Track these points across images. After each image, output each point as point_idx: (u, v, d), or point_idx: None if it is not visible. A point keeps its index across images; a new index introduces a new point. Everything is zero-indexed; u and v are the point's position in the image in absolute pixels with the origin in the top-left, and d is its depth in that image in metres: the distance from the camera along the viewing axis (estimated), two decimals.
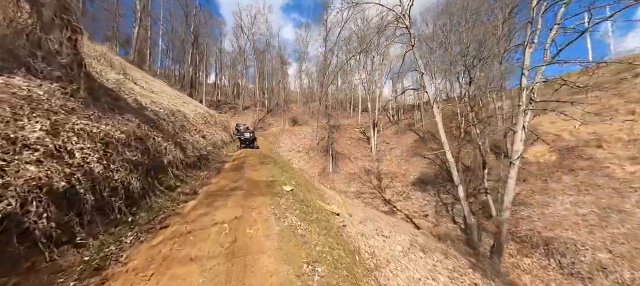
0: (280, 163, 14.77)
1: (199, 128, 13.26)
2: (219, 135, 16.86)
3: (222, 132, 18.75)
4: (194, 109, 15.47)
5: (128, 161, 5.25)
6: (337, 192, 23.91)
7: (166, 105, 10.60)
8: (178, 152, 8.51)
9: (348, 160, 32.39)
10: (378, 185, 27.49)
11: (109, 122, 5.53)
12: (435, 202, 21.70)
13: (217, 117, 20.19)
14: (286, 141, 36.30)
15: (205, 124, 15.60)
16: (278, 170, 11.31)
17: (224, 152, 15.32)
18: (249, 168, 11.04)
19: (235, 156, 14.83)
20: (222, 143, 16.83)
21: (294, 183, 10.61)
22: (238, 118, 46.53)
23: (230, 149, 17.33)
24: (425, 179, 25.47)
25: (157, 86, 14.55)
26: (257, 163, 12.58)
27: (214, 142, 14.89)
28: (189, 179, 8.24)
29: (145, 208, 5.10)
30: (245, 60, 49.90)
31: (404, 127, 39.81)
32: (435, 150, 30.19)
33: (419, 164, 28.74)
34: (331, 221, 7.42)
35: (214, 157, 13.02)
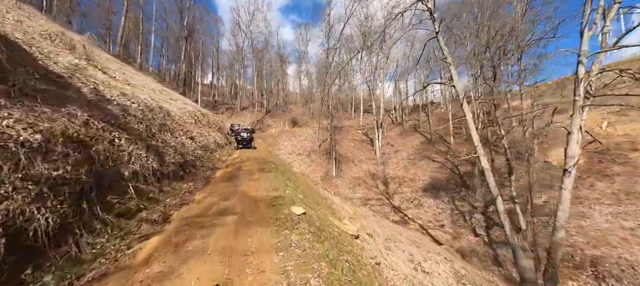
0: (282, 169, 12.62)
1: (186, 129, 11.10)
2: (211, 137, 14.69)
3: (215, 133, 16.58)
4: (183, 107, 13.32)
5: (38, 178, 3.09)
6: (343, 198, 21.81)
7: (143, 100, 8.46)
8: (151, 158, 6.35)
9: (352, 164, 30.28)
10: (385, 191, 25.38)
11: (17, 115, 3.38)
12: (450, 210, 19.62)
13: (211, 116, 18.04)
14: (286, 143, 34.16)
15: (196, 124, 13.44)
16: (281, 179, 9.17)
17: (217, 156, 13.17)
18: (246, 177, 8.89)
19: (229, 161, 12.66)
20: (215, 145, 14.66)
21: (301, 196, 8.47)
22: (235, 119, 44.32)
23: (224, 152, 15.16)
24: (436, 185, 23.40)
25: (139, 80, 12.40)
26: (256, 170, 10.43)
27: (205, 144, 12.72)
28: (163, 196, 6.08)
29: (61, 263, 2.93)
30: (243, 59, 47.73)
31: (409, 129, 37.80)
32: (444, 153, 28.23)
33: (428, 168, 26.69)
34: (361, 260, 5.26)
35: (204, 162, 10.86)
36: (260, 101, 47.92)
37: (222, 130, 19.58)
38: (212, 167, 10.73)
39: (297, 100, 63.34)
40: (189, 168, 8.85)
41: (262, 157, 14.69)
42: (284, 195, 6.82)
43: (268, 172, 10.13)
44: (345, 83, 48.59)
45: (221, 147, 16.12)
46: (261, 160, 12.79)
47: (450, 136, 28.78)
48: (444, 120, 35.92)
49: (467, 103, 11.43)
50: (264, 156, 15.24)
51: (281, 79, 51.23)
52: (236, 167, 10.93)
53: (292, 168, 25.41)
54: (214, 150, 14.06)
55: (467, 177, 22.76)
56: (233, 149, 17.70)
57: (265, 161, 12.81)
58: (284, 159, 29.40)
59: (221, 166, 11.16)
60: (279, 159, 17.52)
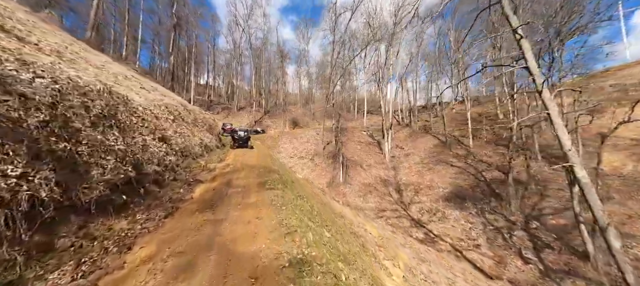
0: (290, 183, 9.34)
1: (156, 126, 7.82)
2: (196, 138, 11.42)
3: (203, 134, 13.30)
4: (157, 98, 10.03)
5: None
6: (354, 210, 18.60)
7: (77, 79, 5.19)
8: (45, 175, 3.11)
9: (360, 168, 27.05)
10: (399, 200, 22.18)
11: None
12: (482, 225, 16.44)
13: (198, 112, 14.76)
14: (286, 145, 30.87)
15: (175, 121, 10.16)
16: (293, 203, 5.93)
17: (202, 163, 9.91)
18: (237, 202, 5.64)
19: (219, 169, 9.39)
20: (201, 148, 11.38)
21: (328, 234, 5.26)
22: (232, 119, 41.00)
23: (214, 158, 11.89)
24: (460, 193, 20.23)
25: (96, 59, 9.13)
26: (253, 185, 7.17)
27: (185, 147, 9.45)
28: (48, 262, 2.83)
29: None
30: (240, 57, 44.51)
31: (419, 130, 34.69)
32: (463, 156, 25.15)
33: (447, 173, 23.54)
34: None
35: (180, 173, 7.59)
36: (258, 101, 44.61)
37: (214, 130, 16.30)
38: (191, 179, 7.46)
39: (297, 100, 60.14)
40: (147, 185, 5.58)
41: (262, 163, 11.42)
42: (307, 240, 3.58)
43: (271, 188, 6.87)
44: (347, 83, 45.44)
45: (210, 150, 12.84)
46: (261, 169, 9.51)
47: (469, 137, 25.66)
48: (457, 121, 32.91)
49: (551, 94, 8.17)
50: (263, 162, 11.97)
51: (281, 77, 47.95)
52: (225, 180, 7.65)
53: (296, 174, 22.19)
54: (200, 155, 10.78)
55: (495, 185, 19.62)
56: (225, 153, 14.43)
57: (266, 170, 9.53)
58: (285, 163, 26.16)
59: (205, 178, 7.89)
60: (282, 166, 14.23)
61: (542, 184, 17.79)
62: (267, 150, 21.80)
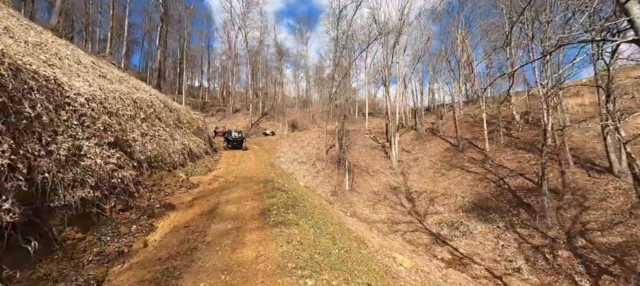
0: (303, 203, 6.76)
1: (113, 126, 5.31)
2: (177, 143, 8.85)
3: (189, 137, 10.73)
4: (126, 92, 7.46)
5: None
6: (367, 224, 16.11)
7: None
8: None
9: (366, 174, 24.60)
10: (413, 210, 19.75)
11: None
12: (516, 242, 14.05)
13: (184, 112, 12.17)
14: (286, 149, 28.30)
15: (146, 121, 7.60)
16: (320, 254, 3.40)
17: (182, 175, 7.36)
18: (224, 257, 3.09)
19: (204, 184, 6.87)
20: (183, 156, 8.82)
21: None
22: (227, 122, 38.37)
23: (200, 166, 9.35)
24: (482, 203, 17.86)
25: (36, 36, 6.59)
26: (252, 214, 4.65)
27: (158, 155, 6.92)
28: None
29: None
30: (236, 56, 41.87)
31: (426, 133, 32.40)
32: (480, 162, 22.82)
33: (463, 180, 21.20)
34: None
35: (145, 193, 5.06)
36: (255, 103, 42.00)
37: (203, 133, 13.72)
38: (157, 205, 4.92)
39: (295, 103, 57.67)
40: (58, 227, 3.01)
41: (262, 175, 8.87)
42: None
43: (279, 222, 4.33)
44: (348, 83, 43.12)
45: (196, 157, 10.25)
46: (260, 184, 6.98)
47: (484, 141, 23.36)
48: (468, 123, 30.69)
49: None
50: (263, 172, 9.42)
51: (279, 78, 45.42)
52: (209, 206, 5.11)
53: (298, 181, 19.67)
54: (180, 165, 8.19)
55: (522, 194, 17.28)
56: (216, 161, 11.88)
57: (267, 185, 7.00)
58: (286, 168, 23.62)
59: (181, 202, 5.36)
60: (288, 178, 11.62)
61: (580, 194, 15.47)
62: (266, 155, 19.24)
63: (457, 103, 37.38)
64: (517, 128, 23.88)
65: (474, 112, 32.93)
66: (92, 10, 32.55)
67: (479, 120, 30.25)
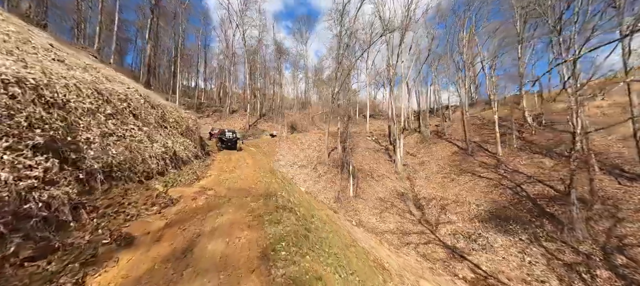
0: (327, 243, 5.07)
1: (52, 123, 3.62)
2: (156, 145, 7.18)
3: (174, 139, 9.05)
4: (90, 80, 5.79)
5: None
6: (376, 236, 14.49)
7: None
8: None
9: (371, 179, 22.98)
10: (423, 218, 18.15)
11: None
12: (544, 258, 12.48)
13: (171, 109, 10.45)
14: (285, 152, 26.60)
15: (116, 117, 5.94)
16: None
17: (159, 187, 5.69)
18: None
19: (184, 202, 5.18)
20: (163, 162, 7.14)
21: None
22: (224, 123, 36.60)
23: (184, 175, 7.67)
24: (499, 212, 16.31)
25: None
26: (248, 254, 2.91)
27: (124, 162, 5.24)
28: None
29: None
30: (233, 55, 40.13)
31: (431, 135, 30.90)
32: (493, 166, 21.28)
33: (475, 186, 19.68)
34: None
35: (91, 222, 3.36)
36: (252, 103, 40.27)
37: (194, 133, 12.01)
38: (112, 235, 3.22)
39: (294, 104, 56.02)
40: None
41: (261, 185, 7.20)
42: None
43: (290, 262, 2.63)
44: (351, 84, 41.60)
45: (183, 163, 8.57)
46: (260, 201, 5.30)
47: (496, 144, 21.87)
48: (475, 125, 29.22)
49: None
50: (263, 182, 7.75)
51: (278, 78, 43.71)
52: (187, 239, 3.39)
53: (297, 185, 18.00)
54: (158, 173, 6.50)
55: (544, 202, 15.77)
56: (206, 166, 10.20)
57: (268, 201, 5.33)
58: (286, 172, 21.93)
59: (151, 225, 3.67)
60: (295, 190, 9.91)
61: (611, 203, 13.97)
62: (265, 159, 17.54)
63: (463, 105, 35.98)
64: (530, 131, 22.43)
65: (481, 114, 31.54)
66: (83, 7, 30.76)
67: (486, 122, 28.85)
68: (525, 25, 22.48)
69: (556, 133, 21.25)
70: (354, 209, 18.86)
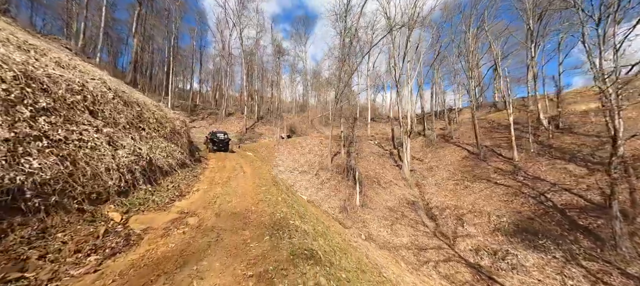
0: None
1: None
2: (123, 153, 5.26)
3: (153, 144, 7.15)
4: (21, 62, 3.93)
5: None
6: (391, 253, 12.68)
7: None
8: None
9: (378, 186, 21.16)
10: (438, 231, 16.35)
11: None
12: (588, 281, 10.72)
13: (152, 108, 8.54)
14: (285, 157, 24.69)
15: (57, 113, 4.04)
16: None
17: (116, 216, 3.76)
18: None
19: (149, 241, 3.24)
20: (128, 177, 5.18)
21: None
22: (220, 126, 34.63)
23: (162, 193, 5.75)
24: (525, 225, 14.58)
25: None
26: None
27: (57, 180, 3.24)
28: None
29: None
30: (229, 56, 38.20)
31: (437, 139, 29.24)
32: (508, 172, 19.59)
33: (492, 194, 17.96)
34: None
35: None
36: (250, 106, 38.35)
37: (181, 137, 10.09)
38: None
39: (291, 107, 54.19)
40: None
41: (264, 207, 5.24)
42: None
43: None
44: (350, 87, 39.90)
45: (163, 173, 6.65)
46: (265, 239, 3.36)
47: (512, 149, 20.21)
48: (484, 128, 27.60)
49: None
50: (267, 202, 5.80)
51: (276, 80, 41.83)
52: None
53: (297, 193, 16.12)
54: (120, 193, 4.56)
55: (574, 214, 14.07)
56: (194, 178, 8.28)
57: (277, 237, 3.39)
58: (286, 179, 20.04)
59: None
60: (308, 210, 7.96)
61: None
62: (264, 167, 15.60)
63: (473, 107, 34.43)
64: (547, 134, 20.83)
65: (489, 117, 29.99)
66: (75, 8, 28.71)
67: (496, 125, 27.30)
68: (540, 23, 20.99)
69: (576, 136, 19.70)
70: (362, 220, 16.98)
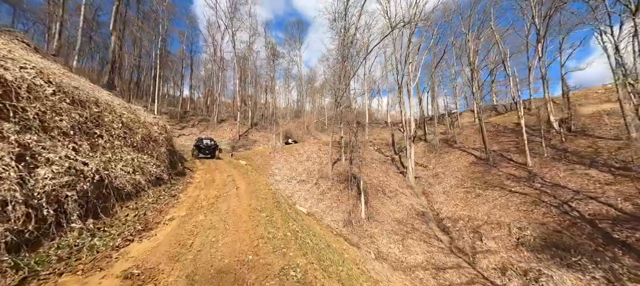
0: None
1: None
2: (45, 174, 3.25)
3: (115, 155, 5.16)
4: None
5: None
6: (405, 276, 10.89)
7: None
8: None
9: (383, 195, 19.40)
10: (454, 246, 14.63)
11: None
12: None
13: (117, 107, 6.65)
14: (281, 165, 22.76)
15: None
16: None
17: None
18: None
19: None
20: (52, 210, 3.20)
21: None
22: (211, 133, 32.51)
23: (118, 220, 3.77)
24: (553, 239, 12.98)
25: None
26: None
27: None
28: None
29: None
30: (221, 60, 36.27)
31: (440, 144, 27.76)
32: (522, 178, 18.08)
33: (508, 203, 16.40)
34: None
35: None
36: (243, 111, 36.35)
37: (159, 146, 8.13)
38: None
39: (286, 113, 52.34)
40: None
41: (265, 253, 3.32)
42: None
43: None
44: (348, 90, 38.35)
45: (123, 199, 4.68)
46: None
47: (524, 153, 18.77)
48: (489, 132, 26.25)
49: None
50: (269, 244, 3.91)
51: (271, 83, 39.98)
52: None
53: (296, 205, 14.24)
54: (31, 242, 2.56)
55: (608, 225, 12.53)
56: (172, 196, 6.35)
57: None
58: (283, 190, 18.12)
59: None
60: (341, 258, 6.00)
61: None
62: (261, 179, 13.63)
63: (477, 110, 33.14)
64: (560, 138, 19.50)
65: (492, 121, 28.72)
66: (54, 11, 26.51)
67: (501, 129, 26.00)
68: (549, 21, 19.83)
69: (592, 139, 18.40)
70: (370, 235, 15.14)
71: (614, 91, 24.74)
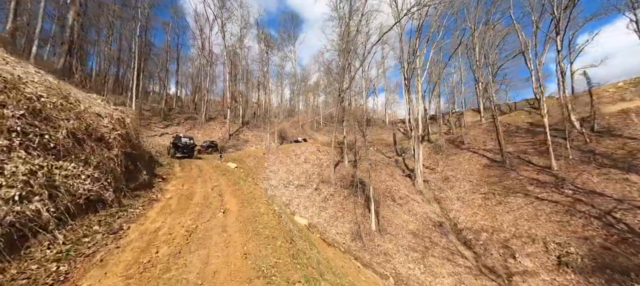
0: None
1: None
2: None
3: None
4: None
5: None
6: None
7: None
8: None
9: (392, 202, 17.00)
10: (482, 264, 12.36)
11: None
12: None
13: (30, 86, 3.97)
14: (276, 167, 20.03)
15: None
16: None
17: None
18: None
19: None
20: None
21: None
22: (198, 132, 29.41)
23: None
24: (605, 258, 10.86)
25: None
26: None
27: None
28: None
29: None
30: (210, 54, 33.15)
31: (447, 144, 25.64)
32: (548, 184, 16.02)
33: (537, 212, 14.27)
34: None
35: None
36: (233, 109, 33.38)
37: (110, 147, 5.35)
38: None
39: (279, 112, 49.44)
40: None
41: None
42: None
43: None
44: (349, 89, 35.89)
45: None
46: None
47: (549, 156, 16.73)
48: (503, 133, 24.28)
49: None
50: None
51: (263, 79, 37.02)
52: None
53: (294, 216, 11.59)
54: None
55: None
56: (111, 236, 3.56)
57: None
58: (280, 196, 15.47)
59: None
60: None
61: None
62: (258, 191, 10.87)
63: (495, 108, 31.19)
64: (584, 138, 17.59)
65: (503, 120, 26.77)
66: None
67: (514, 128, 24.06)
68: (571, 9, 17.89)
69: (621, 140, 16.55)
70: (384, 252, 12.66)
71: (626, 89, 23.26)
